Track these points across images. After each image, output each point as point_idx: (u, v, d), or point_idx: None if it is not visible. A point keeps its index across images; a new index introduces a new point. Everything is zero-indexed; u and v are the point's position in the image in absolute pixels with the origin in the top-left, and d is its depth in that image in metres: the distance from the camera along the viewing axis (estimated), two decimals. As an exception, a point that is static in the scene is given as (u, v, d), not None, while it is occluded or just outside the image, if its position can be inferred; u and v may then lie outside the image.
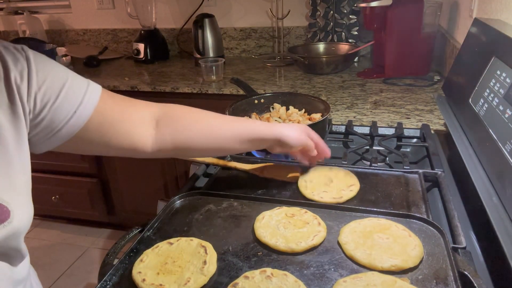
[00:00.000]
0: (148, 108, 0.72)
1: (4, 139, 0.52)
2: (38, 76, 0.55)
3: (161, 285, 0.57)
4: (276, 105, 1.18)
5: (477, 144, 0.78)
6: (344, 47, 1.99)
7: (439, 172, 0.84)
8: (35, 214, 0.63)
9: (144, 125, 0.69)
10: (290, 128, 0.77)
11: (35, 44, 2.28)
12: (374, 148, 1.05)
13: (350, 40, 2.06)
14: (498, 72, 0.77)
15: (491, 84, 0.78)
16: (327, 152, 0.83)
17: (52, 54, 2.08)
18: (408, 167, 0.88)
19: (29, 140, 0.57)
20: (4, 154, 0.52)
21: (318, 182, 0.82)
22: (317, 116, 1.07)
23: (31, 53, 0.56)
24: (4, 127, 0.52)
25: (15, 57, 0.54)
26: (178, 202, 0.79)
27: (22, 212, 0.55)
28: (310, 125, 1.00)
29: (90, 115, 0.61)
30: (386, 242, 0.63)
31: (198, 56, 2.06)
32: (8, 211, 0.51)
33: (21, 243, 0.58)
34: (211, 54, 2.06)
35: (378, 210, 0.71)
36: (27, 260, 0.63)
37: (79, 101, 0.59)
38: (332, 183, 0.82)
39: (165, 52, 2.34)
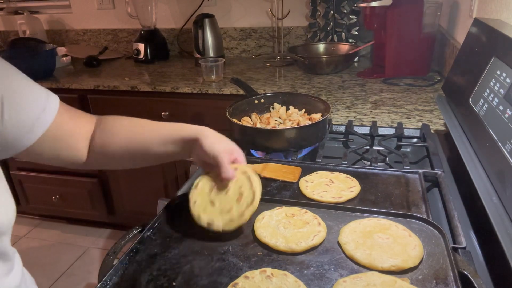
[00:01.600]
0: (90, 122, 0.72)
1: None
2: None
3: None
4: (276, 105, 1.18)
5: (477, 144, 0.78)
6: (344, 47, 1.99)
7: (439, 172, 0.84)
8: (35, 214, 0.62)
9: (85, 141, 0.70)
10: (216, 137, 0.69)
11: (35, 44, 2.29)
12: (374, 148, 1.05)
13: (350, 40, 2.06)
14: (498, 72, 0.77)
15: (491, 84, 0.78)
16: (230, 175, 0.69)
17: (52, 54, 2.08)
18: (408, 167, 0.88)
19: None
20: None
21: (319, 183, 0.82)
22: (317, 116, 1.08)
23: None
24: None
25: None
26: (178, 202, 0.79)
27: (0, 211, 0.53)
28: (310, 125, 1.01)
29: (49, 125, 0.61)
30: (386, 242, 0.63)
31: (198, 56, 2.06)
32: None
33: (5, 245, 0.56)
34: (211, 54, 2.06)
35: (378, 210, 0.71)
36: (18, 269, 0.61)
37: (36, 116, 0.59)
38: (332, 184, 0.82)
39: (165, 52, 2.34)
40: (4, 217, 0.54)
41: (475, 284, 0.54)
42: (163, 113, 1.87)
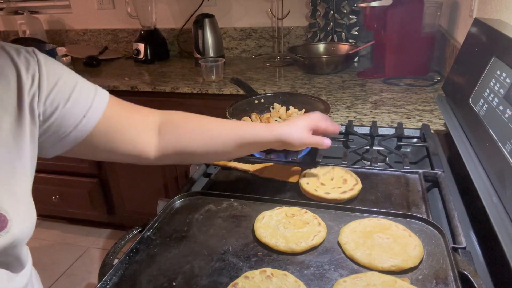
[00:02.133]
0: (151, 115, 0.73)
1: (6, 145, 0.52)
2: (48, 80, 0.56)
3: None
4: (276, 105, 1.18)
5: (477, 144, 0.78)
6: (344, 47, 1.99)
7: (439, 172, 0.84)
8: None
9: (148, 132, 0.70)
10: (292, 127, 0.74)
11: (35, 44, 2.29)
12: (374, 148, 1.05)
13: (350, 40, 2.06)
14: (498, 72, 0.77)
15: (491, 84, 0.78)
16: (337, 129, 0.80)
17: (52, 54, 2.08)
18: (408, 167, 0.88)
19: (39, 144, 0.58)
20: (5, 160, 0.52)
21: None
22: (317, 116, 1.07)
23: (42, 57, 0.56)
24: (7, 132, 0.52)
25: (27, 61, 0.55)
26: (178, 202, 0.79)
27: (22, 220, 0.54)
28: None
29: (98, 120, 0.61)
30: (386, 242, 0.63)
31: (198, 56, 2.06)
32: (6, 220, 0.51)
33: (21, 252, 0.57)
34: (211, 54, 2.06)
35: (378, 210, 0.71)
36: (28, 268, 0.62)
37: (88, 106, 0.60)
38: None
39: (165, 52, 2.34)
40: (26, 226, 0.55)
41: (475, 284, 0.54)
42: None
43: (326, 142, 0.77)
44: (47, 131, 0.57)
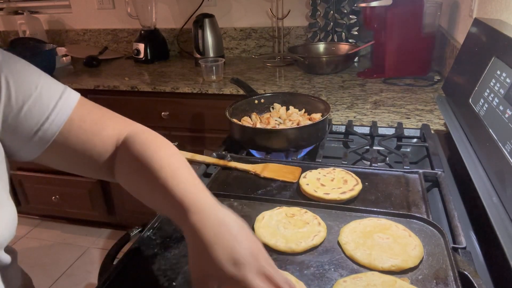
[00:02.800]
0: (117, 132, 0.62)
1: None
2: (8, 80, 0.52)
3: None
4: (276, 105, 1.18)
5: (477, 144, 0.78)
6: (344, 47, 1.99)
7: (439, 172, 0.84)
8: (35, 214, 0.61)
9: (110, 144, 0.61)
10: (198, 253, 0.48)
11: (35, 44, 2.29)
12: (374, 148, 1.05)
13: (350, 40, 2.06)
14: (498, 72, 0.77)
15: (491, 84, 0.78)
16: None
17: (52, 54, 2.08)
18: (408, 167, 0.88)
19: (7, 146, 0.56)
20: None
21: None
22: (317, 116, 1.08)
23: (0, 56, 0.53)
24: None
25: None
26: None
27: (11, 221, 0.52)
28: (310, 125, 1.00)
29: (65, 121, 0.56)
30: (386, 242, 0.63)
31: (198, 56, 2.06)
32: None
33: (2, 257, 0.56)
34: (211, 54, 2.06)
35: (378, 210, 0.71)
36: (11, 272, 0.61)
37: (52, 106, 0.56)
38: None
39: (165, 52, 2.34)
40: (6, 231, 0.53)
41: (475, 284, 0.54)
42: (163, 113, 1.87)
43: None
44: (11, 132, 0.54)
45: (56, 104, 0.56)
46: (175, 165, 0.57)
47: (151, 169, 0.55)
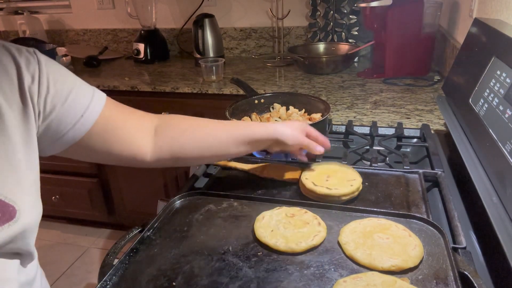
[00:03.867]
0: (148, 117, 0.73)
1: (14, 138, 0.53)
2: (48, 79, 0.57)
3: None
4: (276, 105, 1.18)
5: (477, 144, 0.78)
6: (344, 47, 1.99)
7: (439, 172, 0.84)
8: (35, 214, 0.62)
9: (144, 134, 0.70)
10: (287, 126, 0.77)
11: (35, 44, 2.28)
12: (374, 148, 1.05)
13: (350, 40, 2.06)
14: (498, 72, 0.77)
15: (491, 84, 0.78)
16: (327, 144, 0.83)
17: (52, 54, 2.08)
18: (408, 167, 0.88)
19: (48, 134, 0.59)
20: (13, 153, 0.53)
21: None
22: (317, 116, 1.08)
23: (43, 57, 0.58)
24: (14, 126, 0.53)
25: (28, 60, 0.56)
26: (178, 202, 0.79)
27: (30, 211, 0.55)
28: (310, 125, 1.00)
29: (95, 121, 0.62)
30: (386, 242, 0.63)
31: (198, 56, 2.06)
32: (14, 211, 0.52)
33: (31, 243, 0.58)
34: (211, 54, 2.06)
35: (378, 210, 0.71)
36: (36, 261, 0.63)
37: (85, 106, 0.61)
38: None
39: (165, 52, 2.34)
40: (33, 217, 0.55)
41: (475, 284, 0.54)
42: (163, 113, 1.86)
43: (319, 148, 0.80)
44: (44, 130, 0.58)
45: (89, 104, 0.62)
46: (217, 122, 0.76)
47: (204, 125, 0.75)
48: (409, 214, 0.69)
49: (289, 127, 0.78)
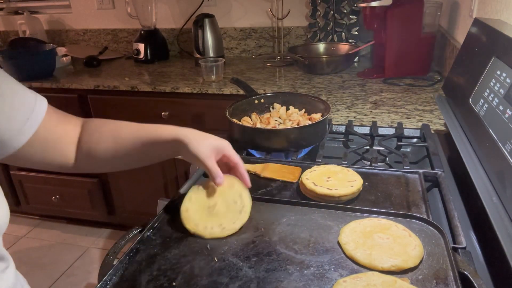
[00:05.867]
0: (77, 125, 0.71)
1: None
2: None
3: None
4: (276, 105, 1.18)
5: (477, 144, 0.78)
6: (344, 47, 2.00)
7: (439, 172, 0.84)
8: (35, 214, 0.62)
9: (71, 143, 0.69)
10: (199, 135, 0.68)
11: (35, 44, 2.29)
12: (374, 148, 1.05)
13: (350, 40, 2.06)
14: (498, 72, 0.77)
15: (491, 84, 0.78)
16: (246, 181, 0.72)
17: (52, 54, 2.08)
18: (408, 167, 0.88)
19: None
20: None
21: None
22: (317, 116, 1.08)
23: None
24: None
25: None
26: (178, 202, 0.79)
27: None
28: (310, 125, 1.01)
29: (37, 128, 0.61)
30: (386, 242, 0.63)
31: (198, 56, 2.06)
32: None
33: (1, 247, 0.57)
34: (211, 54, 2.06)
35: (378, 210, 0.71)
36: (12, 268, 0.61)
37: (28, 115, 0.59)
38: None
39: (165, 52, 2.34)
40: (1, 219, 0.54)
41: (475, 284, 0.54)
42: (163, 113, 1.87)
43: (219, 179, 0.69)
44: None
45: (32, 113, 0.60)
46: (135, 125, 0.72)
47: (120, 130, 0.70)
48: (409, 214, 0.69)
49: (203, 136, 0.69)
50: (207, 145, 0.68)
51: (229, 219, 0.69)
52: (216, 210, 0.71)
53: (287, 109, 1.17)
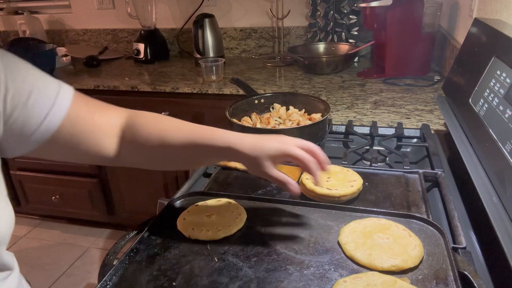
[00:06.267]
0: (116, 116, 0.67)
1: None
2: (7, 79, 0.52)
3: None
4: (276, 105, 1.18)
5: (477, 144, 0.78)
6: (344, 47, 1.99)
7: (439, 172, 0.84)
8: (35, 214, 0.61)
9: (111, 135, 0.65)
10: (256, 141, 0.61)
11: (35, 44, 2.28)
12: (374, 148, 1.05)
13: (350, 40, 2.06)
14: (498, 72, 0.77)
15: (491, 84, 0.78)
16: (317, 180, 0.63)
17: (52, 54, 2.08)
18: (408, 167, 0.88)
19: (9, 137, 0.55)
20: None
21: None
22: (317, 116, 1.08)
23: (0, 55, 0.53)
24: None
25: None
26: (178, 202, 0.79)
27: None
28: (310, 125, 1.00)
29: (62, 119, 0.57)
30: (386, 242, 0.63)
31: (198, 56, 2.06)
32: None
33: (2, 255, 0.56)
34: (211, 54, 2.06)
35: (378, 210, 0.71)
36: (15, 274, 0.60)
37: (50, 105, 0.56)
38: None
39: (165, 52, 2.34)
40: (3, 228, 0.53)
41: (475, 284, 0.54)
42: (163, 113, 1.86)
43: (292, 187, 0.62)
44: (7, 131, 0.54)
45: (55, 101, 0.57)
46: (188, 124, 0.66)
47: (175, 123, 0.66)
48: (409, 214, 0.69)
49: (260, 142, 0.61)
50: (265, 151, 0.60)
51: (225, 223, 0.70)
52: (213, 218, 0.72)
53: (287, 109, 1.17)
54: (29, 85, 0.55)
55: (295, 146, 0.62)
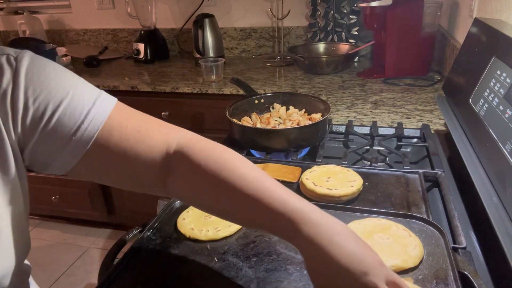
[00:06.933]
0: (165, 141, 0.56)
1: None
2: (27, 93, 0.47)
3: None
4: (276, 105, 1.18)
5: (477, 144, 0.78)
6: (344, 47, 1.99)
7: (439, 172, 0.84)
8: (35, 214, 0.61)
9: (154, 169, 0.55)
10: (350, 249, 0.45)
11: (35, 44, 2.28)
12: (374, 148, 1.05)
13: (350, 40, 2.06)
14: (498, 72, 0.77)
15: (491, 84, 0.78)
16: None
17: (52, 54, 2.08)
18: (408, 167, 0.88)
19: (39, 159, 0.51)
20: None
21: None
22: (317, 116, 1.08)
23: (25, 65, 0.48)
24: None
25: (1, 70, 0.47)
26: (178, 202, 0.79)
27: (2, 259, 0.50)
28: (310, 125, 1.00)
29: (99, 130, 0.51)
30: (386, 242, 0.63)
31: (198, 56, 2.06)
32: None
33: (25, 281, 0.56)
34: (211, 54, 2.06)
35: (378, 210, 0.71)
36: (30, 278, 0.60)
37: (84, 114, 0.50)
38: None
39: (165, 52, 2.34)
40: (5, 265, 0.51)
41: (475, 284, 0.54)
42: (163, 113, 1.87)
43: None
44: (39, 144, 0.50)
45: (89, 111, 0.51)
46: (254, 174, 0.52)
47: (226, 181, 0.51)
48: (409, 214, 0.69)
49: (356, 254, 0.45)
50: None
51: (225, 223, 0.69)
52: (213, 218, 0.72)
53: (287, 109, 1.17)
54: (56, 99, 0.49)
55: (383, 281, 0.44)
